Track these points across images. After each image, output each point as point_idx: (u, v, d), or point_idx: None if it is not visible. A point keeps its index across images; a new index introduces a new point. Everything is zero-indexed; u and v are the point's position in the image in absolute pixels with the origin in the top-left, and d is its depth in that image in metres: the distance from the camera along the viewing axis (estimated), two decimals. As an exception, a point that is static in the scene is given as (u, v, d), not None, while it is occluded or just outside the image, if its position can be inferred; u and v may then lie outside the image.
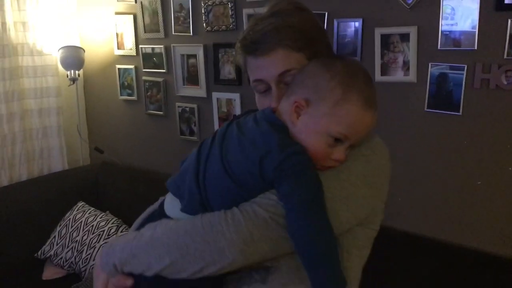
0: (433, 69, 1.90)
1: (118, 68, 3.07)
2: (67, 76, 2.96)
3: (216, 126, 2.64)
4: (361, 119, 0.86)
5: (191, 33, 2.64)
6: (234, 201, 0.86)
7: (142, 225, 0.98)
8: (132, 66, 2.99)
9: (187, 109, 2.78)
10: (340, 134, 0.85)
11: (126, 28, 2.95)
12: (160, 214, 0.98)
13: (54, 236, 2.60)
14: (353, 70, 0.89)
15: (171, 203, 0.97)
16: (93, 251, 2.45)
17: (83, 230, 2.55)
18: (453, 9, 1.83)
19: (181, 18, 2.66)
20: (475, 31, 1.79)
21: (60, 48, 2.94)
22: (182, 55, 2.71)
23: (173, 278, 0.86)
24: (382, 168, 0.95)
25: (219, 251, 0.82)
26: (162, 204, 1.00)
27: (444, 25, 1.85)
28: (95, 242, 2.47)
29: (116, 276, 0.92)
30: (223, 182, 0.87)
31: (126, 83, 3.06)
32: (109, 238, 2.48)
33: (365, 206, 0.92)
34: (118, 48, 3.04)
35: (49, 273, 2.56)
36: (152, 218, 1.00)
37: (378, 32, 2.00)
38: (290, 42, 0.93)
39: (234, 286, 0.92)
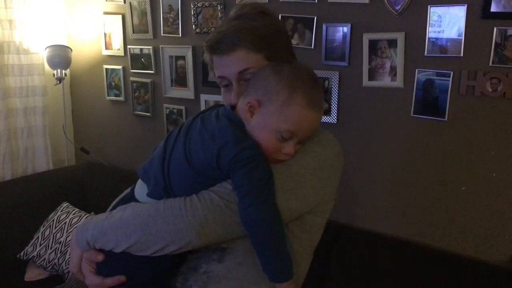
0: (420, 75, 1.92)
1: (106, 68, 3.05)
2: (54, 75, 2.93)
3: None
4: (305, 117, 0.96)
5: (180, 35, 2.63)
6: (194, 188, 0.96)
7: (114, 207, 1.09)
8: (120, 67, 2.98)
9: (175, 110, 2.77)
10: (287, 131, 0.95)
11: (115, 28, 2.94)
12: (131, 197, 1.08)
13: (38, 237, 2.56)
14: (299, 73, 0.98)
15: (140, 188, 1.06)
16: (77, 253, 2.41)
17: (67, 231, 2.52)
18: (440, 16, 1.85)
19: (170, 19, 2.66)
20: (461, 38, 1.81)
21: (47, 47, 2.91)
22: (171, 56, 2.70)
23: (138, 255, 0.97)
24: (331, 163, 1.04)
25: (178, 232, 0.93)
26: (133, 189, 1.10)
27: (431, 32, 1.88)
28: (79, 243, 2.44)
29: (89, 252, 1.03)
30: (185, 171, 0.96)
31: (113, 84, 3.04)
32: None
33: (313, 196, 1.01)
34: (106, 48, 3.02)
35: (32, 274, 2.52)
36: (123, 201, 1.09)
37: (366, 37, 2.02)
38: (249, 43, 1.02)
39: (194, 264, 1.03)
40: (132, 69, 2.91)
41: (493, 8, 1.74)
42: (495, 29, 1.74)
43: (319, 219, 1.08)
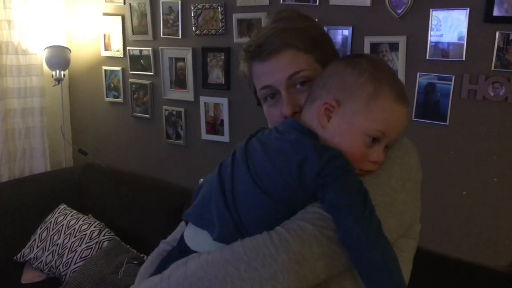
0: (421, 79, 1.92)
1: (105, 70, 3.04)
2: (52, 76, 2.92)
3: (203, 130, 2.62)
4: (396, 113, 0.81)
5: (180, 36, 2.62)
6: (273, 219, 0.78)
7: (160, 268, 0.88)
8: (119, 68, 2.96)
9: (174, 112, 2.75)
10: (378, 131, 0.80)
11: (114, 29, 2.92)
12: (181, 251, 0.87)
13: (35, 239, 2.54)
14: (380, 65, 0.85)
15: (195, 236, 0.86)
16: (74, 255, 2.40)
17: (64, 233, 2.50)
18: (442, 20, 1.84)
19: (170, 21, 2.64)
20: (463, 42, 1.81)
21: (46, 48, 2.90)
22: (170, 58, 2.69)
23: None
24: (415, 171, 0.89)
25: (271, 277, 0.72)
26: (181, 241, 0.90)
27: (433, 35, 1.87)
28: (76, 246, 2.43)
29: None
30: (257, 200, 0.78)
31: (112, 85, 3.03)
32: (90, 241, 2.43)
33: (407, 212, 0.84)
34: (105, 49, 3.01)
35: (29, 276, 2.50)
36: (171, 258, 0.88)
37: (368, 40, 2.01)
38: (298, 42, 0.90)
39: None
40: (131, 71, 2.90)
41: (496, 12, 1.73)
42: (497, 33, 1.73)
43: (413, 242, 0.91)
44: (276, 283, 0.72)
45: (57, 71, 2.91)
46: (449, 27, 1.83)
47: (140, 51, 2.82)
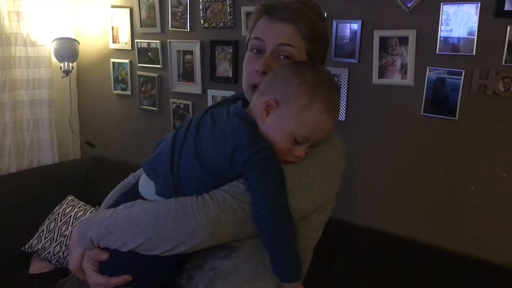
0: (431, 73, 1.90)
1: (113, 62, 3.04)
2: (61, 68, 2.92)
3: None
4: (322, 124, 0.95)
5: (188, 29, 2.62)
6: (205, 187, 0.94)
7: (117, 202, 1.06)
8: (127, 61, 2.97)
9: (182, 105, 2.75)
10: (302, 136, 0.94)
11: (122, 21, 2.92)
12: (134, 193, 1.05)
13: (42, 230, 2.56)
14: (321, 78, 0.96)
15: (146, 185, 1.03)
16: (81, 246, 2.41)
17: (72, 224, 2.52)
18: (452, 14, 1.83)
19: (178, 14, 2.64)
20: (473, 37, 1.79)
21: (54, 40, 2.90)
22: (178, 51, 2.69)
23: (144, 254, 0.95)
24: (336, 163, 1.04)
25: (190, 233, 0.90)
26: (136, 184, 1.08)
27: (443, 30, 1.85)
28: (84, 237, 2.44)
29: (93, 250, 1.00)
30: (195, 170, 0.94)
31: (120, 78, 3.03)
32: (98, 233, 2.44)
33: (319, 196, 1.00)
34: (113, 42, 3.01)
35: (36, 267, 2.52)
36: (126, 196, 1.08)
37: (377, 34, 1.99)
38: (303, 27, 1.01)
39: (199, 261, 1.02)
40: (139, 63, 2.90)
41: (507, 7, 1.71)
42: (508, 27, 1.72)
43: (323, 217, 1.08)
44: (193, 238, 0.91)
45: (66, 63, 2.91)
46: (460, 21, 1.81)
47: (148, 43, 2.82)
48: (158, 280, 1.02)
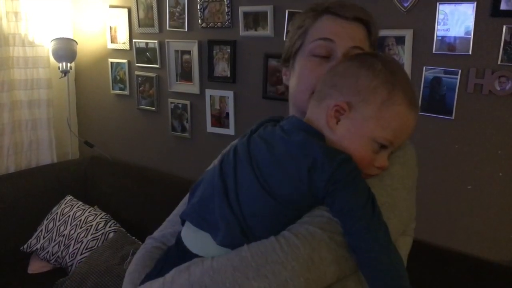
0: (427, 73, 1.91)
1: (111, 62, 3.05)
2: (59, 68, 2.93)
3: (209, 123, 2.63)
4: (407, 121, 0.79)
5: (186, 29, 2.62)
6: (280, 223, 0.76)
7: (158, 270, 0.85)
8: (125, 60, 2.97)
9: (180, 105, 2.76)
10: (386, 139, 0.78)
11: (120, 21, 2.93)
12: (182, 253, 0.83)
13: (41, 230, 2.57)
14: (394, 67, 0.82)
15: (196, 239, 0.82)
16: (80, 246, 2.42)
17: (70, 224, 2.53)
18: (449, 13, 1.83)
19: (176, 14, 2.65)
20: (470, 36, 1.80)
21: (53, 40, 2.91)
22: (176, 51, 2.69)
23: None
24: (413, 169, 0.89)
25: (281, 285, 0.70)
26: (179, 242, 0.86)
27: (440, 29, 1.86)
28: (82, 237, 2.45)
29: None
30: (263, 203, 0.76)
31: (118, 77, 3.04)
32: (96, 232, 2.45)
33: (405, 211, 0.84)
34: (111, 42, 3.01)
35: (35, 266, 2.53)
36: (170, 259, 0.85)
37: (374, 34, 2.00)
38: (373, 33, 0.92)
39: None
40: (137, 63, 2.91)
41: (503, 6, 1.72)
42: (504, 27, 1.72)
43: (409, 239, 0.91)
44: None
45: (64, 63, 2.92)
46: (456, 20, 1.82)
47: (146, 43, 2.82)
48: None
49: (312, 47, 0.91)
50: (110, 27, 2.99)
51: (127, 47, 2.93)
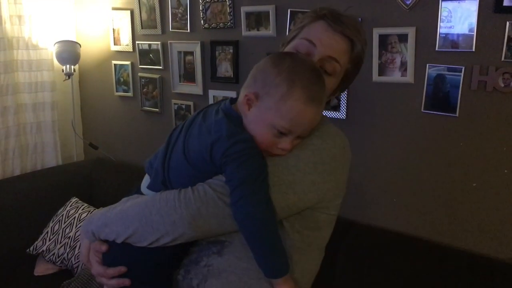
0: (431, 70, 1.90)
1: (114, 64, 3.05)
2: (63, 71, 2.94)
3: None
4: (303, 114, 0.92)
5: (189, 30, 2.62)
6: (191, 182, 0.97)
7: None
8: (128, 62, 2.98)
9: (183, 106, 2.76)
10: (283, 128, 0.92)
11: (123, 23, 2.93)
12: (136, 190, 1.11)
13: (47, 232, 2.57)
14: (300, 67, 0.94)
15: (145, 181, 1.09)
16: (85, 248, 2.43)
17: (76, 226, 2.53)
18: (452, 10, 1.83)
19: (179, 15, 2.65)
20: (473, 33, 1.79)
21: (56, 43, 2.92)
22: (179, 52, 2.70)
23: (138, 246, 0.98)
24: (333, 156, 1.00)
25: (171, 224, 0.94)
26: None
27: (443, 27, 1.85)
28: (88, 239, 2.45)
29: (95, 242, 1.06)
30: (182, 165, 0.98)
31: (122, 79, 3.05)
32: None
33: (314, 191, 0.98)
34: (114, 44, 3.02)
35: (41, 269, 2.54)
36: (129, 194, 1.12)
37: (376, 32, 1.99)
38: (356, 49, 1.04)
39: (195, 257, 1.04)
40: (140, 65, 2.91)
41: (506, 2, 1.71)
42: (507, 23, 1.71)
43: (324, 216, 1.05)
44: (175, 229, 0.94)
45: (67, 66, 2.93)
46: (459, 17, 1.81)
47: (149, 45, 2.83)
48: (154, 273, 1.04)
49: (297, 43, 1.06)
50: (113, 29, 3.00)
51: (130, 49, 2.94)
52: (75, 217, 2.58)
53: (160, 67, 2.82)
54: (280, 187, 0.94)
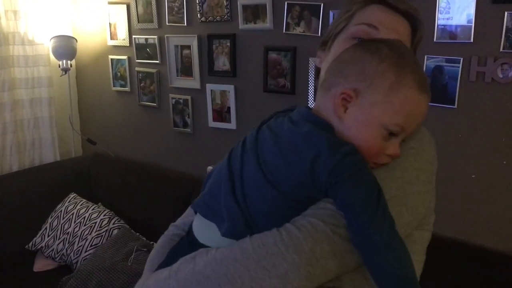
0: (429, 62, 1.89)
1: (111, 59, 3.04)
2: (59, 66, 2.92)
3: (210, 118, 2.62)
4: (418, 105, 0.76)
5: (185, 24, 2.61)
6: (284, 216, 0.75)
7: (170, 259, 0.85)
8: (125, 57, 2.96)
9: (181, 100, 2.75)
10: (397, 125, 0.75)
11: (119, 18, 2.92)
12: (191, 243, 0.85)
13: (46, 228, 2.57)
14: (401, 50, 0.78)
15: (204, 229, 0.84)
16: (84, 243, 2.43)
17: (74, 222, 2.53)
18: (450, 1, 1.81)
19: (175, 8, 2.63)
20: (471, 24, 1.78)
21: (52, 38, 2.90)
22: (176, 46, 2.68)
23: None
24: (431, 161, 0.85)
25: (281, 277, 0.69)
26: (190, 232, 0.88)
27: (441, 18, 1.84)
28: (86, 234, 2.45)
29: None
30: (268, 195, 0.75)
31: (119, 74, 3.03)
32: (100, 230, 2.46)
33: (421, 205, 0.81)
34: (111, 38, 3.01)
35: (40, 265, 2.54)
36: (181, 248, 0.86)
37: (374, 24, 1.98)
38: (417, 36, 0.91)
39: None
40: (137, 59, 2.90)
41: (504, -8, 1.70)
42: (506, 13, 1.70)
43: (427, 234, 0.89)
44: (287, 283, 0.69)
45: (64, 61, 2.91)
46: (457, 8, 1.80)
47: (146, 39, 2.81)
48: None
49: (354, 30, 0.87)
50: (110, 23, 2.98)
51: (127, 43, 2.92)
52: (73, 213, 2.57)
53: (157, 61, 2.80)
54: (392, 206, 0.73)
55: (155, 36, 2.76)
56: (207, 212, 0.83)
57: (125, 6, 2.87)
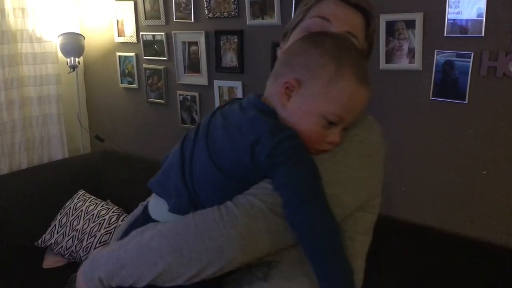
0: (439, 57, 1.87)
1: (119, 56, 3.04)
2: (67, 64, 2.93)
3: (218, 115, 2.61)
4: (356, 96, 0.81)
5: (193, 20, 2.60)
6: (226, 195, 0.80)
7: (126, 233, 0.90)
8: (132, 54, 2.96)
9: (189, 97, 2.75)
10: (335, 115, 0.80)
11: (127, 15, 2.91)
12: (144, 218, 0.90)
13: (55, 225, 2.58)
14: (344, 44, 0.84)
15: (156, 205, 0.90)
16: (93, 240, 2.44)
17: (83, 218, 2.54)
18: (460, -5, 1.79)
19: (182, 5, 2.62)
20: (482, 18, 1.75)
21: (60, 35, 2.91)
22: (183, 42, 2.68)
23: (168, 286, 0.80)
24: (376, 147, 0.91)
25: (217, 250, 0.75)
26: (146, 208, 0.93)
27: (451, 12, 1.82)
28: (95, 231, 2.46)
29: None
30: (212, 176, 0.81)
31: (126, 71, 3.03)
32: (109, 226, 2.46)
33: (364, 188, 0.87)
34: (118, 35, 3.01)
35: (50, 261, 2.55)
36: (135, 224, 0.91)
37: (383, 18, 1.96)
38: (371, 26, 0.95)
39: (234, 287, 0.85)
40: (145, 56, 2.90)
41: (516, -14, 1.68)
42: (518, 7, 1.68)
43: (370, 216, 0.94)
44: (222, 255, 0.75)
45: (72, 58, 2.92)
46: (468, 2, 1.77)
47: (153, 36, 2.81)
48: None
49: (308, 22, 0.93)
50: (117, 20, 2.98)
51: (134, 40, 2.92)
52: (82, 209, 2.58)
53: (165, 58, 2.80)
54: (332, 188, 0.79)
55: (163, 33, 2.75)
56: (159, 190, 0.89)
57: (132, 3, 2.86)
